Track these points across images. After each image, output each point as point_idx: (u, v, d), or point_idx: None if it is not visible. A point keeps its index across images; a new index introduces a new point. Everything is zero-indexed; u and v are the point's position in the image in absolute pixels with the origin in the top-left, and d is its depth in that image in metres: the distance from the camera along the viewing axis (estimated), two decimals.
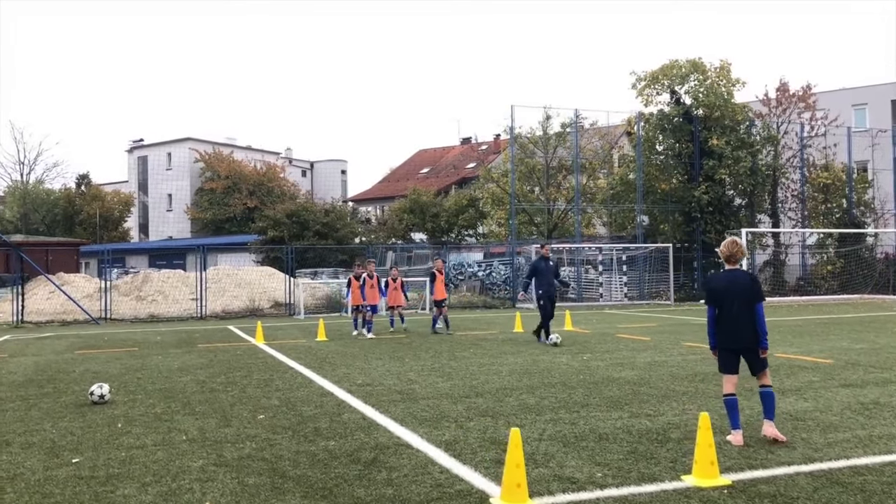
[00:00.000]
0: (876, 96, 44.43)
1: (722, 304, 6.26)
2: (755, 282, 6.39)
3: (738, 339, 6.22)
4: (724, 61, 33.28)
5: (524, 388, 8.96)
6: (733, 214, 33.32)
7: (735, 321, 6.20)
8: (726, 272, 6.41)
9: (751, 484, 4.95)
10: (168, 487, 5.02)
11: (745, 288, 6.24)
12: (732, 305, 6.21)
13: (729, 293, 6.24)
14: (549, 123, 37.14)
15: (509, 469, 4.56)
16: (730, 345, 6.27)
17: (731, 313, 6.21)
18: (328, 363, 11.64)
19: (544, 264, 14.53)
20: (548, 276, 14.44)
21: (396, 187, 57.87)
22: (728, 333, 6.24)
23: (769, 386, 6.28)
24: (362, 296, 16.33)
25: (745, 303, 6.19)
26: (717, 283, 6.38)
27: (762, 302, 6.30)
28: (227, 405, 8.05)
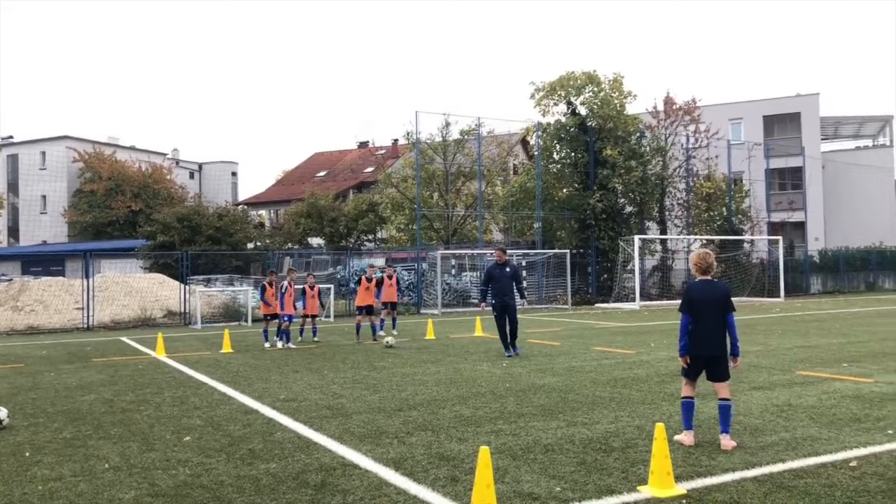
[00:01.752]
0: (750, 112, 47.64)
1: (699, 313, 6.41)
2: (728, 293, 6.59)
3: (709, 348, 6.40)
4: (617, 74, 34.71)
5: (455, 398, 8.87)
6: (625, 222, 34.75)
7: (708, 330, 6.38)
8: (703, 282, 6.57)
9: (705, 492, 5.07)
10: None
11: (720, 298, 6.44)
12: (708, 315, 6.38)
13: (706, 303, 6.41)
14: (448, 130, 37.44)
15: (479, 490, 4.44)
16: (701, 352, 6.44)
17: (706, 322, 6.39)
18: (242, 377, 11.12)
19: (498, 270, 13.32)
20: (501, 284, 13.19)
21: (292, 190, 56.57)
22: (701, 341, 6.41)
23: (728, 399, 6.45)
24: (282, 305, 15.75)
25: (720, 313, 6.39)
26: (696, 293, 6.52)
27: (734, 312, 6.51)
28: (145, 427, 7.50)
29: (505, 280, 13.24)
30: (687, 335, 6.45)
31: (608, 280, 33.49)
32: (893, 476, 5.37)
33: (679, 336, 6.53)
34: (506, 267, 13.40)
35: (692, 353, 6.45)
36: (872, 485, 5.18)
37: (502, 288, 13.19)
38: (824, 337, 15.73)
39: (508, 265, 13.53)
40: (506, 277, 13.27)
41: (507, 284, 13.24)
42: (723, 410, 6.40)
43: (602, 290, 33.27)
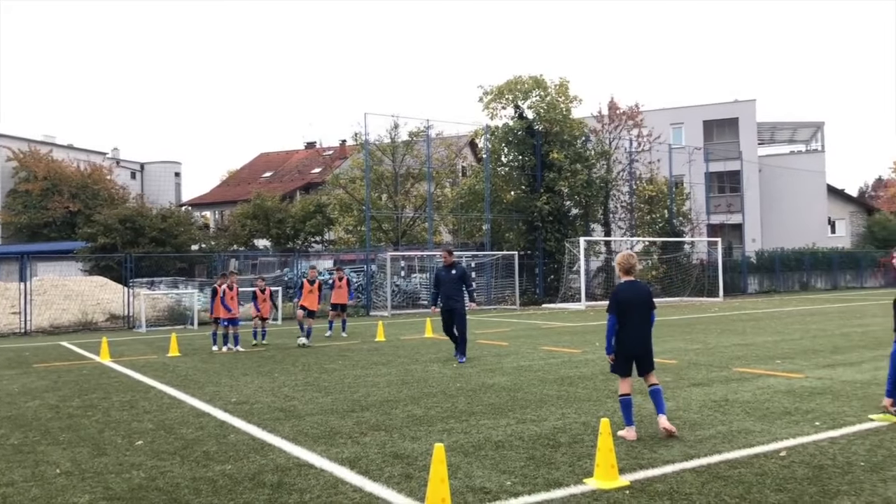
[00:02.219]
0: (690, 116, 49.07)
1: (626, 313, 6.72)
2: (650, 293, 6.97)
3: (637, 345, 6.76)
4: (563, 79, 35.37)
5: (407, 399, 9.02)
6: (571, 224, 35.42)
7: (636, 329, 6.73)
8: (629, 283, 6.89)
9: (647, 483, 5.35)
10: None
11: (645, 298, 6.81)
12: (634, 314, 6.70)
13: (632, 303, 6.75)
14: (397, 132, 37.53)
15: (433, 484, 4.61)
16: (630, 350, 6.78)
17: (633, 321, 6.72)
18: (192, 381, 11.05)
19: (445, 273, 12.85)
20: (447, 287, 12.72)
21: (237, 191, 55.79)
22: (630, 340, 6.75)
23: (657, 384, 6.88)
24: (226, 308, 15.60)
25: (645, 312, 6.74)
26: (622, 294, 6.82)
27: (655, 311, 6.90)
28: (94, 432, 7.43)
29: (451, 283, 12.76)
30: (614, 335, 6.78)
31: (555, 281, 34.09)
32: (819, 464, 5.75)
33: (606, 336, 6.86)
34: (452, 269, 12.87)
35: (622, 352, 6.78)
36: (799, 472, 5.54)
37: (448, 291, 12.76)
38: (760, 335, 16.39)
39: (456, 267, 12.99)
40: (452, 280, 12.76)
41: (453, 287, 12.75)
42: (655, 394, 6.83)
43: (549, 291, 33.85)
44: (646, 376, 6.91)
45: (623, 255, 7.00)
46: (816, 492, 5.08)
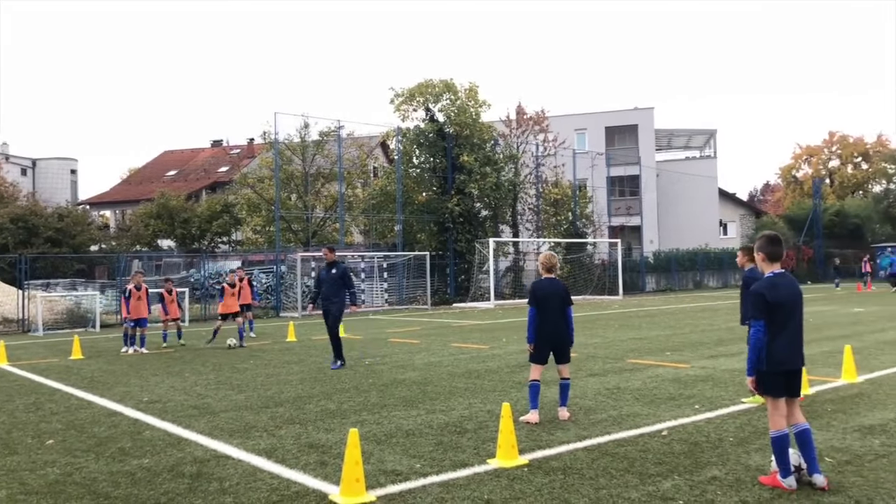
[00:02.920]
0: (593, 123, 51.02)
1: (544, 307, 7.32)
2: (567, 289, 7.58)
3: (553, 336, 7.36)
4: (473, 84, 36.14)
5: (320, 395, 9.30)
6: (480, 225, 36.26)
7: (553, 321, 7.33)
8: (547, 279, 7.49)
9: (543, 461, 5.88)
10: None
11: (561, 294, 7.41)
12: (552, 308, 7.32)
13: (550, 297, 7.33)
14: (307, 131, 37.37)
15: (348, 466, 4.96)
16: (547, 340, 7.36)
17: (551, 315, 7.31)
18: (100, 382, 10.92)
19: (325, 272, 12.31)
20: (326, 287, 12.15)
21: (140, 190, 53.89)
22: (547, 331, 7.34)
23: (568, 378, 7.55)
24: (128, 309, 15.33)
25: (563, 306, 7.36)
26: (541, 290, 7.41)
27: (571, 306, 7.52)
28: (1, 433, 7.36)
29: (331, 283, 12.06)
30: (534, 326, 7.33)
31: (465, 281, 34.82)
32: (694, 441, 6.45)
33: (528, 326, 7.41)
34: (333, 268, 12.13)
35: (540, 341, 7.34)
36: (677, 448, 6.20)
37: (326, 291, 12.11)
38: (653, 330, 17.48)
39: (337, 266, 12.20)
40: (332, 280, 12.06)
41: (332, 288, 12.03)
42: (563, 388, 7.50)
43: (460, 291, 34.55)
44: (561, 368, 7.50)
45: (545, 255, 7.63)
46: (690, 463, 5.73)
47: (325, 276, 12.25)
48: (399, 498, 5.01)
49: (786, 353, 4.96)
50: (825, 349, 12.64)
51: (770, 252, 5.12)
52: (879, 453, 5.88)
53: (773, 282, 5.04)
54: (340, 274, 12.21)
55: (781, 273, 5.10)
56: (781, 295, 4.98)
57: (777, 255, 5.12)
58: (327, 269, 12.26)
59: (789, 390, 5.02)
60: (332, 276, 12.13)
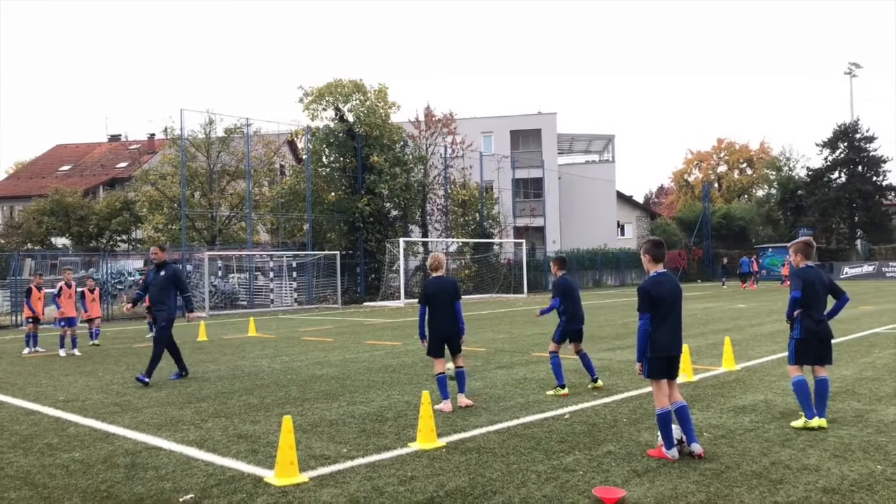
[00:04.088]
0: (499, 126, 52.38)
1: (433, 303, 7.85)
2: (456, 284, 8.13)
3: (444, 329, 7.90)
4: (382, 85, 36.57)
5: (241, 390, 9.56)
6: (391, 225, 36.72)
7: (443, 315, 7.88)
8: (436, 278, 8.02)
9: (460, 443, 6.45)
10: None
11: (450, 290, 7.97)
12: (441, 303, 7.87)
13: (438, 294, 7.88)
14: (213, 128, 36.75)
15: (283, 450, 5.37)
16: (439, 333, 7.89)
17: (440, 309, 7.88)
18: (8, 383, 10.73)
19: (153, 274, 10.90)
20: (153, 291, 10.73)
21: (30, 185, 51.24)
22: (438, 325, 7.89)
23: (462, 367, 8.07)
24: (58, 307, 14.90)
25: (451, 301, 7.90)
26: (431, 287, 7.95)
27: (460, 301, 8.08)
28: None
29: (158, 286, 10.68)
30: (423, 322, 7.92)
31: (376, 280, 35.18)
32: (593, 422, 7.19)
33: (419, 324, 8.01)
34: (161, 270, 10.70)
35: (433, 336, 7.91)
36: (578, 429, 6.92)
37: (154, 296, 10.77)
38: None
39: (166, 268, 10.76)
40: (159, 283, 10.66)
41: (160, 292, 10.64)
42: (460, 376, 8.08)
43: (370, 290, 34.87)
44: (454, 358, 8.07)
45: (432, 256, 8.24)
46: (589, 441, 6.45)
47: (153, 279, 10.81)
48: (330, 478, 5.46)
49: (667, 341, 5.75)
50: (710, 341, 13.83)
51: (655, 254, 5.93)
52: (748, 428, 6.78)
53: (657, 280, 5.83)
54: (170, 276, 10.71)
55: (664, 272, 5.91)
56: (664, 291, 5.77)
57: (660, 256, 5.93)
58: (155, 271, 10.81)
59: (670, 373, 5.82)
60: (161, 279, 10.64)
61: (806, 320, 6.55)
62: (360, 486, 5.24)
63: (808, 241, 6.81)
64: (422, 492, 5.08)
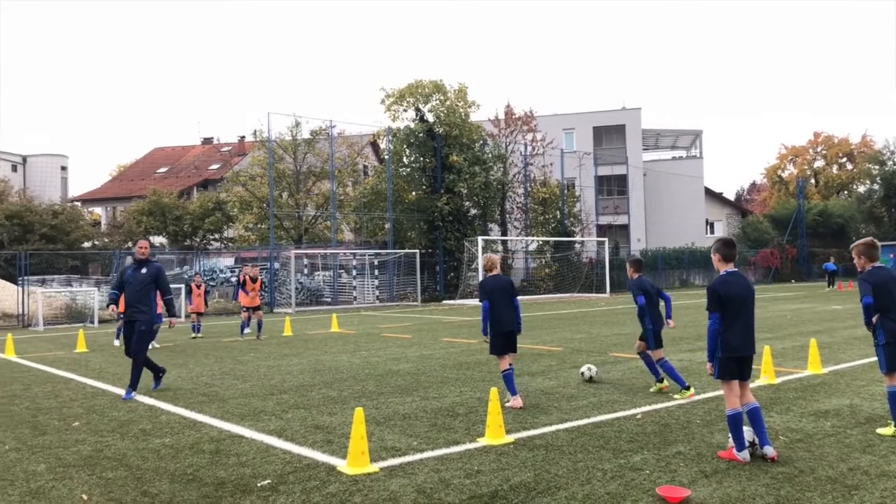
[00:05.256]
0: (581, 123, 51.79)
1: (493, 300, 8.07)
2: (511, 282, 8.49)
3: (506, 326, 8.07)
4: (462, 84, 36.80)
5: (321, 383, 9.92)
6: (469, 223, 36.93)
7: (504, 312, 8.05)
8: (492, 277, 8.30)
9: (528, 440, 6.53)
10: (28, 488, 5.27)
11: (507, 286, 8.25)
12: (500, 300, 8.07)
13: (497, 290, 8.10)
14: (299, 130, 37.90)
15: (355, 440, 5.60)
16: (500, 330, 8.05)
17: (501, 306, 8.06)
18: (109, 373, 11.49)
19: (132, 272, 9.53)
20: (131, 290, 9.40)
21: (130, 187, 54.20)
22: (500, 322, 8.05)
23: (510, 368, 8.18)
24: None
25: (509, 298, 8.16)
26: (488, 286, 8.21)
27: (517, 297, 8.34)
28: (28, 416, 7.95)
29: (137, 285, 9.40)
30: (488, 317, 8.05)
31: (455, 278, 35.47)
32: (665, 423, 7.12)
33: (482, 319, 8.13)
34: (143, 267, 9.52)
35: (496, 331, 8.03)
36: (649, 429, 6.87)
37: (131, 296, 9.39)
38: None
39: (149, 265, 9.58)
40: (138, 282, 9.42)
41: (138, 292, 9.37)
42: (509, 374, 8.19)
43: (449, 288, 35.19)
44: (512, 356, 8.24)
45: (486, 257, 8.48)
46: (659, 441, 6.40)
47: (132, 277, 9.47)
48: (399, 469, 5.64)
49: (738, 341, 5.65)
50: (797, 343, 13.34)
51: (725, 253, 5.85)
52: (828, 433, 6.56)
53: (726, 279, 5.75)
54: (153, 274, 9.55)
55: (734, 272, 5.81)
56: (733, 290, 5.67)
57: (731, 256, 5.85)
58: (136, 268, 9.54)
59: (741, 374, 5.71)
60: (142, 277, 9.44)
61: (888, 323, 6.25)
62: (428, 477, 5.40)
63: (870, 241, 6.51)
64: (486, 485, 5.19)
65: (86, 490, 5.20)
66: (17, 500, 5.03)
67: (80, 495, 5.08)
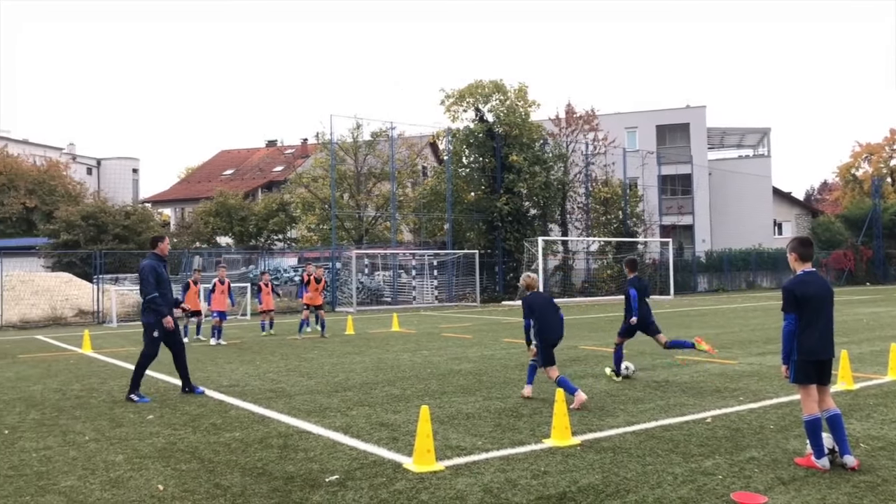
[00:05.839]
0: (644, 121, 50.86)
1: (542, 313, 8.28)
2: (551, 297, 8.86)
3: (555, 336, 8.35)
4: (522, 84, 36.63)
5: (384, 381, 9.99)
6: (529, 224, 36.70)
7: (553, 323, 8.30)
8: (534, 293, 8.61)
9: (595, 442, 6.43)
10: (107, 477, 5.46)
11: (551, 301, 8.56)
12: (547, 314, 8.30)
13: (545, 306, 8.36)
14: (359, 132, 38.34)
15: (420, 438, 5.61)
16: (549, 341, 8.28)
17: (549, 318, 8.29)
18: None
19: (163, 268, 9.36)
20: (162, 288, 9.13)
21: (198, 189, 55.82)
22: (549, 333, 8.30)
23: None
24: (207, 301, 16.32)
25: (556, 310, 8.41)
26: (536, 301, 8.43)
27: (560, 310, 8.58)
28: (105, 409, 8.25)
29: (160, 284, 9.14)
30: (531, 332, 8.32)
31: (514, 279, 35.27)
32: (736, 427, 6.91)
33: (525, 333, 8.43)
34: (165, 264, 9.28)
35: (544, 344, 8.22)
36: (720, 433, 6.68)
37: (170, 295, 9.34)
38: (704, 328, 17.74)
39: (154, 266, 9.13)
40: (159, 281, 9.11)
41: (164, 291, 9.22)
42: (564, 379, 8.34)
43: (508, 288, 35.04)
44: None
45: (526, 276, 8.85)
46: (731, 446, 6.21)
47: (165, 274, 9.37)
48: (465, 468, 5.63)
49: (816, 344, 5.43)
50: (876, 348, 12.81)
51: (801, 253, 5.62)
52: None
53: (803, 279, 5.52)
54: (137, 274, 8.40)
55: (811, 272, 5.58)
56: (810, 291, 5.45)
57: (808, 255, 5.62)
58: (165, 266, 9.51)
59: (820, 378, 5.48)
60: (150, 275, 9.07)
61: None
62: (494, 477, 5.37)
63: None
64: (554, 486, 5.13)
65: (161, 481, 5.35)
66: (98, 488, 5.22)
67: (156, 485, 5.23)
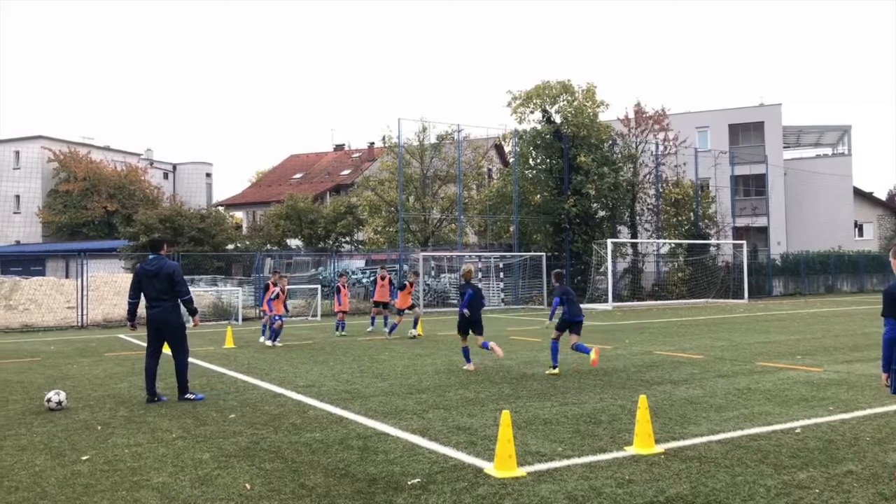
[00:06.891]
0: (716, 120, 49.49)
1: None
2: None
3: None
4: (591, 84, 36.15)
5: (457, 384, 9.98)
6: (597, 226, 36.18)
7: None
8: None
9: (679, 451, 6.24)
10: (196, 475, 5.60)
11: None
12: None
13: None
14: (426, 135, 38.55)
15: (502, 443, 5.55)
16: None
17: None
18: (257, 368, 12.10)
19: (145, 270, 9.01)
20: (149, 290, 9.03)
21: (268, 192, 57.19)
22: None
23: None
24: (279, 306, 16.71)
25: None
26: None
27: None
28: (188, 408, 8.49)
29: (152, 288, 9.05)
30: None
31: (582, 282, 34.85)
32: (829, 439, 6.60)
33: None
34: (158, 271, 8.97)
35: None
36: (812, 444, 6.40)
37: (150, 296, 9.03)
38: (783, 334, 17.12)
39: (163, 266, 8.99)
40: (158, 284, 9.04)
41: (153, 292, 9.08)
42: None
43: (576, 292, 34.59)
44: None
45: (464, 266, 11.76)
46: (825, 458, 5.94)
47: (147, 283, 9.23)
48: (547, 474, 5.55)
49: None
50: None
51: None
52: None
53: None
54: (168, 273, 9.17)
55: None
56: None
57: None
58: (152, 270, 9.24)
59: None
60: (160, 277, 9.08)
61: None
62: (578, 484, 5.27)
63: None
64: (641, 496, 5.00)
65: (248, 479, 5.45)
66: (188, 485, 5.36)
67: (243, 484, 5.34)
